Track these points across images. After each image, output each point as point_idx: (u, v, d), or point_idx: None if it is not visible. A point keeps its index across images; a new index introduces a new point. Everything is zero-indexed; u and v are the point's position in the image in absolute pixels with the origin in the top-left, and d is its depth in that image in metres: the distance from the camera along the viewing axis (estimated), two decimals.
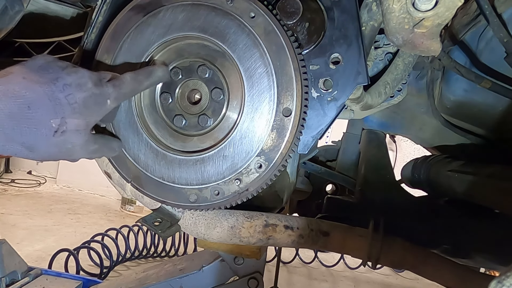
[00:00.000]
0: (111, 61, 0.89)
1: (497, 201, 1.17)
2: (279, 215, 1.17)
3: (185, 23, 0.85)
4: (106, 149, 0.86)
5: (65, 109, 0.70)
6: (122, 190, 1.09)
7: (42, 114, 0.68)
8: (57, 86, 0.70)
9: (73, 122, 0.71)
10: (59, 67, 0.74)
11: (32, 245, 3.87)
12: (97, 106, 0.75)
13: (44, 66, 0.72)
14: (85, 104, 0.73)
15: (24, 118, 0.66)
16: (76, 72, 0.74)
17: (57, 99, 0.69)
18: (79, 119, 0.72)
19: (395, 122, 1.62)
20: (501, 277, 0.44)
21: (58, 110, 0.69)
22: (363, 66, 0.88)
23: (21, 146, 0.68)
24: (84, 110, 0.72)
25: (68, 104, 0.70)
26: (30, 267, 1.97)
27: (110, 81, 0.78)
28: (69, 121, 0.71)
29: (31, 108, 0.67)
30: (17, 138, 0.67)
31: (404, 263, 1.25)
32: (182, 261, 1.58)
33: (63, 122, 0.70)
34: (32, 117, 0.67)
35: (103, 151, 0.85)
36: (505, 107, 1.18)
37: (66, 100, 0.70)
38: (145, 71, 0.84)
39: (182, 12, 0.85)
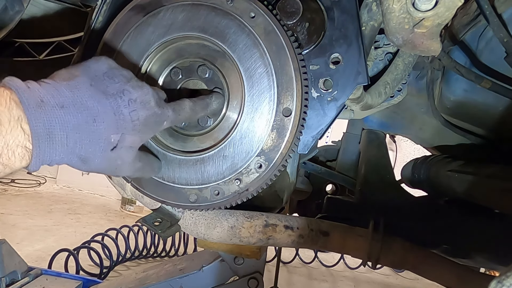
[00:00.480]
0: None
1: (497, 201, 1.17)
2: (279, 215, 1.17)
3: (185, 23, 0.85)
4: (149, 168, 0.84)
5: (127, 126, 0.69)
6: (122, 190, 1.09)
7: (105, 128, 0.66)
8: (123, 100, 0.68)
9: (130, 139, 0.70)
10: (125, 78, 0.72)
11: (32, 245, 3.87)
12: (155, 126, 0.74)
13: (109, 74, 0.70)
14: (145, 123, 0.71)
15: (89, 131, 0.64)
16: (141, 87, 0.72)
17: (122, 114, 0.68)
18: (136, 136, 0.71)
19: (395, 122, 1.62)
20: (501, 277, 0.44)
21: (120, 126, 0.68)
22: (363, 66, 0.88)
23: (77, 158, 0.66)
24: (143, 128, 0.71)
25: (131, 121, 0.69)
26: (30, 267, 1.97)
27: (170, 104, 0.78)
28: (127, 138, 0.70)
29: (96, 121, 0.65)
30: (77, 150, 0.64)
31: (404, 263, 1.25)
32: (182, 261, 1.58)
33: (123, 138, 0.69)
34: (96, 130, 0.65)
35: (145, 170, 0.83)
36: (505, 107, 1.18)
37: (130, 117, 0.69)
38: (203, 102, 0.84)
39: (182, 12, 0.85)
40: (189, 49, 0.88)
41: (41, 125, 0.58)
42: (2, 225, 4.30)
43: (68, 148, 0.63)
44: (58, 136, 0.60)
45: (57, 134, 0.60)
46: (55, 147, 0.61)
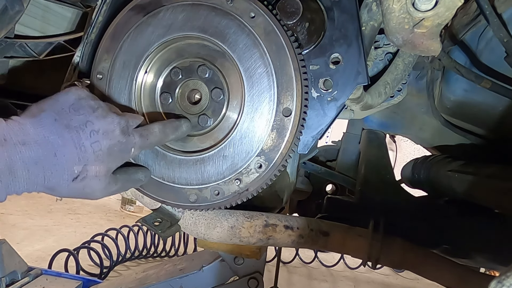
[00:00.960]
0: (111, 61, 0.89)
1: (497, 201, 1.17)
2: (279, 215, 1.17)
3: (185, 23, 0.85)
4: (131, 184, 0.86)
5: (88, 157, 0.71)
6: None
7: (66, 161, 0.69)
8: (84, 132, 0.71)
9: (94, 169, 0.72)
10: (91, 108, 0.74)
11: (32, 245, 3.87)
12: (120, 154, 0.75)
13: (75, 106, 0.73)
14: (109, 152, 0.73)
15: (50, 164, 0.67)
16: (105, 117, 0.74)
17: (83, 147, 0.70)
18: (100, 166, 0.72)
19: (395, 122, 1.62)
20: (501, 277, 0.44)
21: (82, 158, 0.70)
22: (363, 66, 0.88)
23: (43, 187, 0.69)
24: (107, 157, 0.73)
25: (93, 152, 0.71)
26: (30, 267, 1.97)
27: (137, 129, 0.79)
28: (89, 168, 0.71)
29: (57, 155, 0.68)
30: (41, 182, 0.68)
31: (404, 263, 1.25)
32: (182, 261, 1.58)
33: (85, 169, 0.71)
34: (57, 163, 0.68)
35: (126, 187, 0.84)
36: (505, 107, 1.18)
37: (92, 148, 0.71)
38: (172, 125, 0.85)
39: (182, 12, 0.85)
40: (189, 49, 0.88)
41: (2, 162, 0.63)
42: (2, 225, 4.30)
43: (30, 181, 0.67)
44: (19, 171, 0.65)
45: (18, 169, 0.65)
46: (17, 180, 0.65)
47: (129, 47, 0.88)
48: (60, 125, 0.69)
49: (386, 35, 0.86)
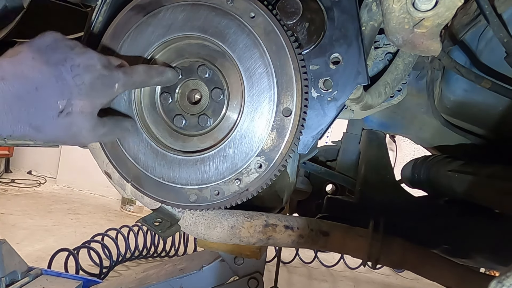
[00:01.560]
0: None
1: (497, 201, 1.17)
2: (279, 215, 1.17)
3: (185, 23, 0.85)
4: (118, 130, 0.84)
5: (72, 90, 0.70)
6: (122, 190, 1.09)
7: (49, 95, 0.68)
8: (65, 67, 0.70)
9: (78, 103, 0.70)
10: (68, 47, 0.73)
11: (32, 245, 3.87)
12: (104, 88, 0.74)
13: (52, 46, 0.72)
14: (92, 86, 0.72)
15: (32, 99, 0.66)
16: (85, 53, 0.73)
17: (64, 80, 0.69)
18: (85, 100, 0.71)
19: (395, 122, 1.62)
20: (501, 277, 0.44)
21: (65, 91, 0.69)
22: (363, 66, 0.88)
23: (28, 126, 0.68)
24: (91, 91, 0.71)
25: (75, 86, 0.70)
26: (30, 267, 1.97)
27: (120, 67, 0.78)
28: (74, 103, 0.70)
29: (38, 89, 0.67)
30: (24, 118, 0.67)
31: (404, 263, 1.25)
32: (182, 261, 1.58)
33: (69, 103, 0.69)
34: (39, 98, 0.67)
35: (114, 133, 0.83)
36: (505, 107, 1.18)
37: (73, 81, 0.70)
38: (158, 68, 0.85)
39: (182, 12, 0.85)
40: (189, 49, 0.88)
41: None
42: (2, 225, 4.30)
43: (14, 117, 0.65)
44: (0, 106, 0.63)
45: None
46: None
47: (129, 47, 0.88)
48: (38, 62, 0.68)
49: (386, 35, 0.86)
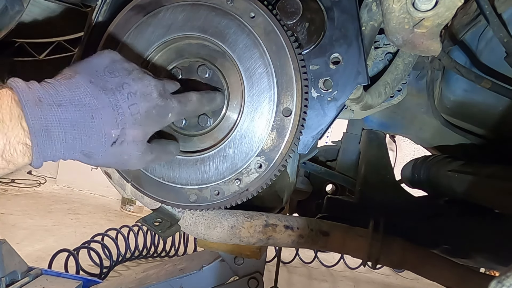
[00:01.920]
0: None
1: (497, 201, 1.17)
2: (279, 215, 1.17)
3: (185, 23, 0.85)
4: (164, 155, 0.83)
5: (126, 120, 0.68)
6: (122, 190, 1.09)
7: (104, 124, 0.66)
8: (121, 94, 0.68)
9: (132, 133, 0.69)
10: (126, 70, 0.71)
11: (32, 245, 3.87)
12: (158, 118, 0.72)
13: (110, 68, 0.70)
14: (147, 116, 0.70)
15: (87, 127, 0.65)
16: (142, 79, 0.71)
17: (120, 109, 0.68)
18: (138, 130, 0.70)
19: (395, 122, 1.62)
20: (501, 277, 0.44)
21: (120, 120, 0.68)
22: (363, 66, 0.88)
23: (80, 153, 0.67)
24: (145, 121, 0.70)
25: (131, 115, 0.68)
26: (30, 267, 1.97)
27: (175, 95, 0.77)
28: (128, 132, 0.69)
29: (94, 117, 0.65)
30: (77, 146, 0.66)
31: (404, 263, 1.25)
32: (182, 261, 1.58)
33: (123, 132, 0.68)
34: (94, 126, 0.66)
35: (160, 158, 0.82)
36: (505, 107, 1.18)
37: (129, 110, 0.68)
38: (209, 95, 0.83)
39: (182, 12, 0.85)
40: (189, 49, 0.88)
41: (38, 122, 0.60)
42: (2, 225, 4.30)
43: (67, 144, 0.64)
44: (55, 132, 0.62)
45: (54, 131, 0.62)
46: (53, 143, 0.62)
47: (129, 47, 0.88)
48: (96, 87, 0.67)
49: (386, 35, 0.86)
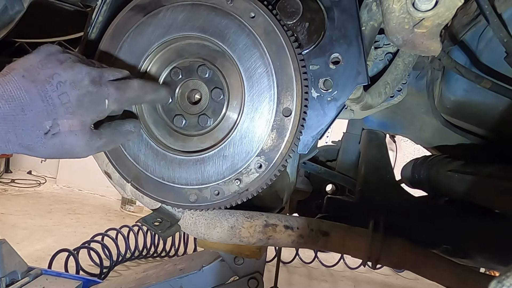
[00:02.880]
0: (111, 61, 0.89)
1: (497, 201, 1.17)
2: (279, 215, 1.17)
3: (185, 23, 0.85)
4: (119, 136, 0.81)
5: (57, 110, 0.68)
6: (122, 190, 1.09)
7: (35, 116, 0.67)
8: (51, 85, 0.68)
9: (66, 123, 0.69)
10: (58, 61, 0.71)
11: (32, 245, 3.87)
12: (92, 106, 0.71)
13: (43, 61, 0.70)
14: (78, 104, 0.70)
15: (18, 121, 0.66)
16: (72, 67, 0.71)
17: (50, 99, 0.68)
18: (73, 119, 0.69)
19: (395, 122, 1.62)
20: (501, 277, 0.44)
21: (50, 111, 0.68)
22: (363, 66, 0.88)
23: (19, 146, 0.68)
24: (78, 109, 0.70)
25: (61, 104, 0.68)
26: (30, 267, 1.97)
27: (113, 82, 0.75)
28: (61, 122, 0.69)
29: (24, 110, 0.66)
30: (13, 139, 0.66)
31: (404, 263, 1.25)
32: (182, 261, 1.58)
33: (55, 123, 0.68)
34: (26, 119, 0.66)
35: (115, 140, 0.81)
36: (505, 107, 1.18)
37: (59, 100, 0.68)
38: (152, 85, 0.83)
39: (182, 12, 0.85)
40: (189, 49, 0.88)
41: None
42: (2, 225, 4.30)
43: (2, 138, 0.65)
44: None
45: None
46: None
47: (129, 47, 0.88)
48: (27, 80, 0.67)
49: (386, 35, 0.86)
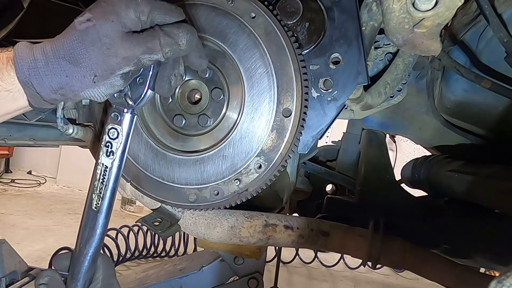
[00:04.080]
0: None
1: (497, 201, 1.17)
2: (279, 215, 1.17)
3: None
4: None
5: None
6: (122, 190, 1.09)
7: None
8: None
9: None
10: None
11: (32, 245, 3.87)
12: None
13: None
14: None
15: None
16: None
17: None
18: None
19: (395, 122, 1.62)
20: (501, 277, 0.44)
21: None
22: (363, 66, 0.88)
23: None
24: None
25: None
26: (30, 267, 1.96)
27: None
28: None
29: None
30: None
31: (404, 263, 1.25)
32: (182, 261, 1.58)
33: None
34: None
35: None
36: (505, 107, 1.18)
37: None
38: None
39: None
40: None
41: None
42: (2, 225, 4.30)
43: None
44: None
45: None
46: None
47: None
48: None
49: (386, 35, 0.86)
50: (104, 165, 0.77)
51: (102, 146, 0.77)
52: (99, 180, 0.78)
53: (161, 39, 0.67)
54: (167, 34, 0.68)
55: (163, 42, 0.67)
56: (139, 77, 0.74)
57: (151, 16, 0.68)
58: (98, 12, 0.66)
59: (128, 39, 0.66)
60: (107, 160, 0.77)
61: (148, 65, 0.71)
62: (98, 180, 0.78)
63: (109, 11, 0.65)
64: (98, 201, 0.78)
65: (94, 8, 0.67)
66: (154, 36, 0.67)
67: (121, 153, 0.77)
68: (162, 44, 0.67)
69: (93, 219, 0.78)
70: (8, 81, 0.67)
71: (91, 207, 0.78)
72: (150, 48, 0.67)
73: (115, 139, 0.76)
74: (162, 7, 0.69)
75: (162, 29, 0.68)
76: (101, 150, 0.77)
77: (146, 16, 0.67)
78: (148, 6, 0.67)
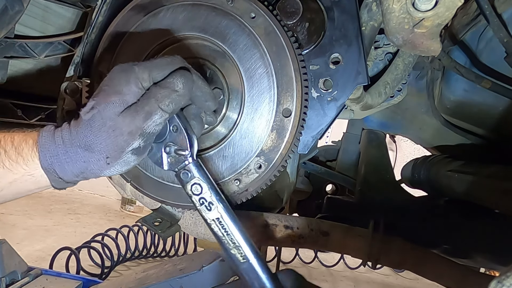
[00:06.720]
0: (111, 60, 0.89)
1: (497, 201, 1.17)
2: (279, 215, 1.17)
3: (186, 23, 0.85)
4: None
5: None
6: (122, 190, 1.09)
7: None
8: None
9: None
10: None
11: (32, 245, 3.87)
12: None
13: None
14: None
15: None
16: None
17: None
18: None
19: (395, 122, 1.62)
20: (501, 277, 0.44)
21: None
22: (363, 66, 0.88)
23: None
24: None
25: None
26: (30, 267, 1.97)
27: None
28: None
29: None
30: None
31: (404, 263, 1.25)
32: (182, 261, 1.58)
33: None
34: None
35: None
36: (505, 107, 1.18)
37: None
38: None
39: (183, 12, 0.85)
40: (189, 49, 0.88)
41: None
42: (2, 225, 4.31)
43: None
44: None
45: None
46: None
47: (129, 47, 0.88)
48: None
49: (386, 35, 0.86)
50: (214, 219, 0.76)
51: (198, 208, 0.76)
52: (223, 235, 0.76)
53: (157, 95, 0.68)
54: (162, 87, 0.69)
55: (160, 97, 0.68)
56: (172, 125, 0.74)
57: (152, 78, 0.70)
58: (100, 97, 0.68)
59: (128, 113, 0.68)
60: (213, 214, 0.76)
61: (157, 130, 0.70)
62: (222, 236, 0.76)
63: (110, 93, 0.68)
64: (240, 252, 0.75)
65: (97, 94, 0.69)
66: (149, 96, 0.69)
67: (216, 196, 0.76)
68: (159, 99, 0.68)
69: (251, 271, 0.75)
70: (32, 167, 0.72)
71: (240, 262, 0.75)
72: (148, 111, 0.68)
73: (202, 192, 0.76)
74: (158, 65, 0.70)
75: (157, 85, 0.70)
76: (201, 211, 0.76)
77: (148, 82, 0.69)
78: (146, 71, 0.69)
